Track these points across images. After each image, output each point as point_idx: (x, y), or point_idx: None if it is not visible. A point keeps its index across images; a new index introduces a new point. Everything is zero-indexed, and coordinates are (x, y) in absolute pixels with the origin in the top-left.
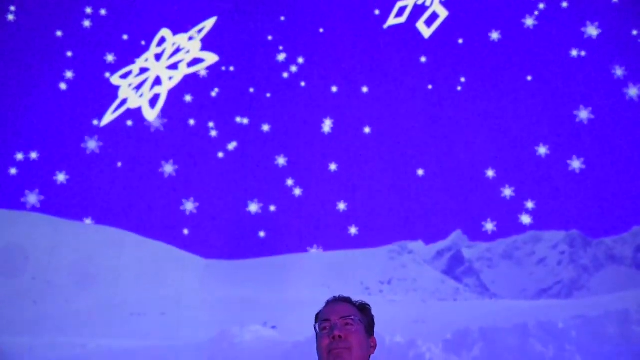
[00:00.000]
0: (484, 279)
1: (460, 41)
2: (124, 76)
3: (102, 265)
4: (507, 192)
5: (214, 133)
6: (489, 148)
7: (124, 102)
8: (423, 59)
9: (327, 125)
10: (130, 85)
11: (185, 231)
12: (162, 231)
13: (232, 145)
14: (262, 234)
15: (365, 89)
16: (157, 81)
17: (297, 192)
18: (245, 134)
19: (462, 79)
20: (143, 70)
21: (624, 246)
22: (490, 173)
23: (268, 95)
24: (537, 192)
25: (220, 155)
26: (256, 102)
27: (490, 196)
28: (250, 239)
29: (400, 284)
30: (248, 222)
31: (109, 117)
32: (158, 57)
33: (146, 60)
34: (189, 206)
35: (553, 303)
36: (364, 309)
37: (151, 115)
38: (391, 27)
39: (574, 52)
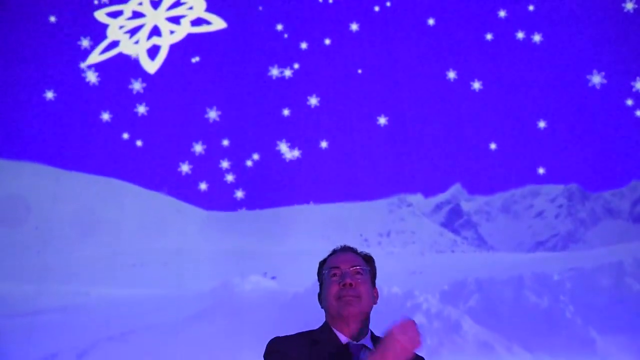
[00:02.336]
0: (482, 232)
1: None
2: (113, 15)
3: (103, 216)
4: (506, 146)
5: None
6: (489, 104)
7: (114, 44)
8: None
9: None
10: (121, 27)
11: (186, 182)
12: (162, 182)
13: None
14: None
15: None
16: (156, 31)
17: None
18: (244, 87)
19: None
20: (137, 15)
21: (622, 200)
22: (490, 131)
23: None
24: (536, 146)
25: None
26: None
27: (490, 150)
28: (252, 191)
29: (399, 236)
30: (250, 174)
31: (95, 57)
32: (155, 4)
33: (140, 4)
34: (194, 152)
35: (549, 255)
36: (369, 260)
37: (151, 67)
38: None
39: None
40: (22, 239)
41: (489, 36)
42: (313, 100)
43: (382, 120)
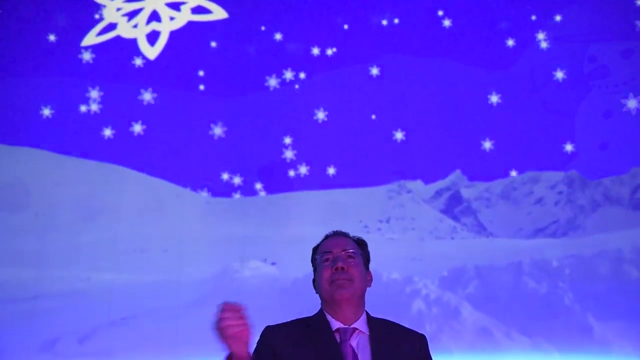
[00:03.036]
0: (482, 218)
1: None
2: None
3: (104, 202)
4: (507, 133)
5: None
6: (488, 90)
7: (112, 26)
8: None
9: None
10: (118, 9)
11: (186, 168)
12: (163, 168)
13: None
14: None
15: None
16: (155, 16)
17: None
18: (242, 74)
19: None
20: None
21: (622, 187)
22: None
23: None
24: (537, 133)
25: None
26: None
27: (489, 137)
28: (251, 177)
29: (399, 222)
30: (249, 162)
31: (91, 39)
32: None
33: None
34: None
35: (548, 242)
36: (362, 244)
37: (151, 53)
38: None
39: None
40: (22, 224)
41: (510, 42)
42: (320, 115)
43: (399, 136)
